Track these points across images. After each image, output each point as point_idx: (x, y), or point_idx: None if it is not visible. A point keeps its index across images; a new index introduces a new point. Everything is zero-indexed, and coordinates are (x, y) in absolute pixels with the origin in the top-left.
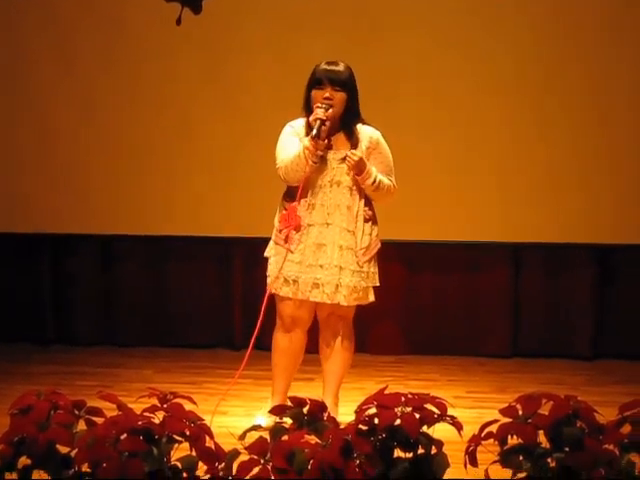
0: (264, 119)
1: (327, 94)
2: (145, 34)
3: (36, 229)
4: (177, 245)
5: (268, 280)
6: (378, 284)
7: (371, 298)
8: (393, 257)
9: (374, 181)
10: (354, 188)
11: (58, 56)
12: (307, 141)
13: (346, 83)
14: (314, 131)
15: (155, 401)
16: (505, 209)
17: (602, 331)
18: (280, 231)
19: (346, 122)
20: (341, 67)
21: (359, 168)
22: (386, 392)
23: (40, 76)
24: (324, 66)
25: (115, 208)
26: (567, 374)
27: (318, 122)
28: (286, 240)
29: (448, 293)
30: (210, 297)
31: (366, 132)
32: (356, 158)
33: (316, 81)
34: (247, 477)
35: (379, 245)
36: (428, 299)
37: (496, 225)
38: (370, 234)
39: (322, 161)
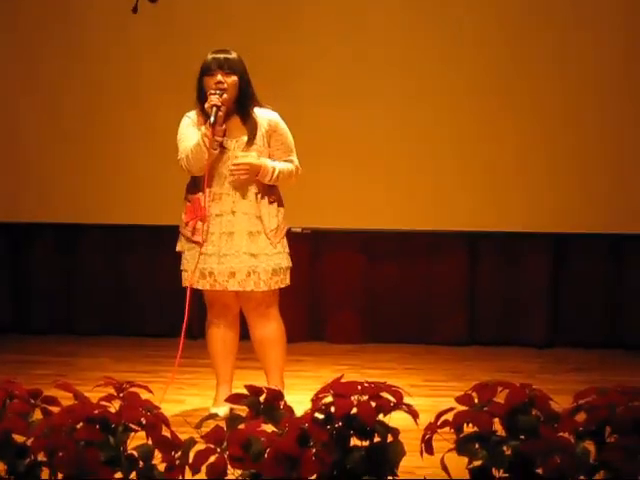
0: None
1: (218, 78)
2: (107, 30)
3: None
4: (134, 234)
5: (184, 275)
6: (291, 264)
7: (288, 280)
8: (350, 246)
9: (272, 176)
10: (259, 180)
11: (21, 56)
12: (204, 128)
13: (236, 67)
14: (211, 118)
15: (111, 390)
16: (461, 197)
17: (557, 319)
18: (187, 224)
19: (241, 106)
20: (229, 53)
21: (254, 171)
22: (342, 381)
23: (3, 75)
24: (212, 54)
25: (74, 197)
26: (522, 362)
27: (214, 109)
28: (193, 232)
29: (405, 281)
30: (167, 286)
31: (264, 115)
32: (246, 166)
33: (206, 69)
34: (203, 466)
35: (287, 226)
36: (385, 288)
37: (452, 213)
38: (277, 216)
39: (222, 149)
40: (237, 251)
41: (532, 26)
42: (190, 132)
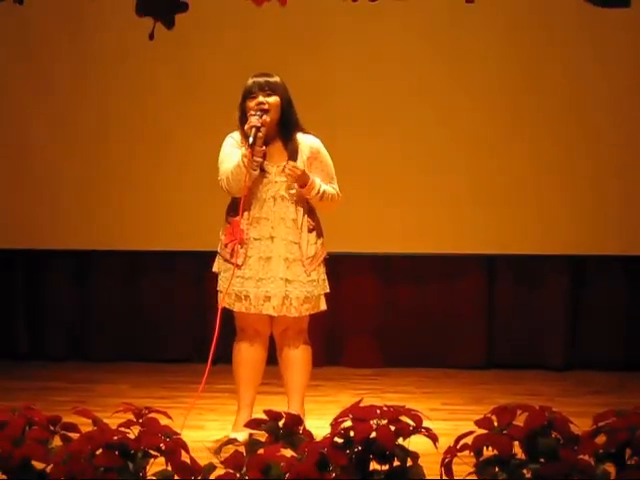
0: None
1: (259, 99)
2: (120, 50)
3: (9, 244)
4: (151, 259)
5: (219, 295)
6: (328, 290)
7: (323, 306)
8: (368, 270)
9: (318, 192)
10: (297, 200)
11: (33, 73)
12: (244, 149)
13: (277, 89)
14: (250, 139)
15: (130, 416)
16: (478, 221)
17: (575, 342)
18: (226, 245)
19: (283, 130)
20: (270, 75)
21: (302, 180)
22: (361, 405)
23: (15, 93)
24: (253, 77)
25: (89, 223)
26: (541, 385)
27: (253, 130)
28: (232, 255)
29: (423, 305)
30: (184, 311)
31: (306, 142)
32: (298, 172)
33: (247, 92)
34: None
35: (325, 253)
36: (403, 312)
37: (469, 237)
38: (315, 243)
39: (263, 173)
40: (273, 276)
41: (542, 44)
42: (232, 153)
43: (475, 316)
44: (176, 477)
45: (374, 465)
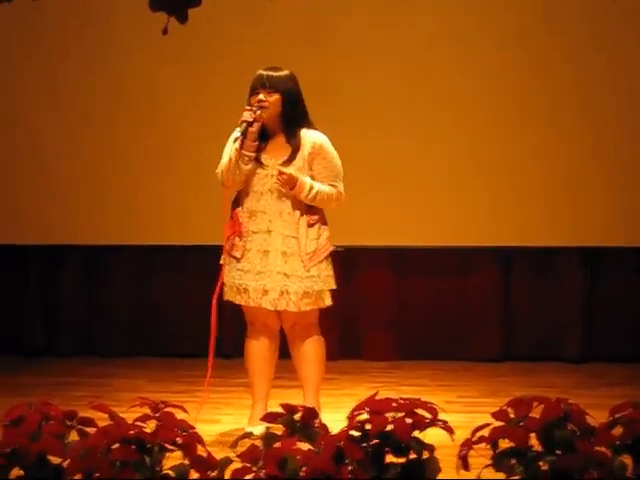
0: None
1: (260, 97)
2: (132, 47)
3: (24, 240)
4: (166, 254)
5: (225, 288)
6: (334, 287)
7: (327, 302)
8: (383, 263)
9: (309, 193)
10: (295, 195)
11: (45, 72)
12: (237, 143)
13: (279, 85)
14: (237, 132)
15: (146, 410)
16: (494, 213)
17: (592, 334)
18: (227, 238)
19: (286, 125)
20: (276, 71)
21: (291, 183)
22: (377, 398)
23: (28, 93)
24: (259, 72)
25: (103, 219)
26: (558, 377)
27: (244, 124)
28: (232, 247)
29: (439, 298)
30: (200, 306)
31: (310, 137)
32: (285, 176)
33: (251, 88)
34: None
35: (330, 249)
36: (419, 304)
37: (486, 229)
38: (317, 239)
39: (261, 167)
40: (271, 270)
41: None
42: (230, 147)
43: (491, 309)
44: (192, 471)
45: (390, 458)
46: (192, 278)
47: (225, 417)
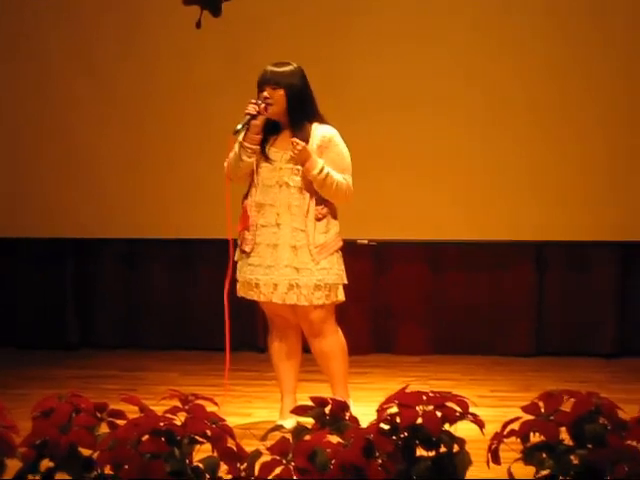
0: None
1: (265, 94)
2: (163, 38)
3: (58, 234)
4: (201, 248)
5: (237, 284)
6: (346, 281)
7: (340, 297)
8: (415, 257)
9: (320, 172)
10: (303, 188)
11: (77, 62)
12: (241, 136)
13: (283, 80)
14: (238, 126)
15: (177, 402)
16: (528, 208)
17: (626, 328)
18: (239, 232)
19: (292, 120)
20: (280, 67)
21: (303, 156)
22: (407, 391)
23: (60, 83)
24: (264, 68)
25: (138, 211)
26: (591, 372)
27: (247, 117)
28: (242, 242)
29: (471, 293)
30: (234, 300)
31: (320, 131)
32: (299, 147)
33: (257, 85)
34: (269, 477)
35: (340, 244)
36: (451, 299)
37: (519, 224)
38: (325, 232)
39: (269, 161)
40: (280, 264)
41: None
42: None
43: (524, 303)
44: (222, 463)
45: (420, 451)
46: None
47: (257, 411)
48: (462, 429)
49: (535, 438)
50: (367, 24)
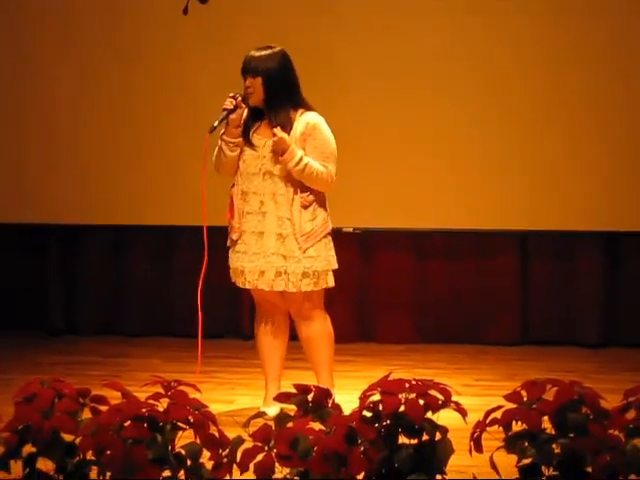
0: None
1: (246, 83)
2: (149, 24)
3: (42, 220)
4: (183, 235)
5: (230, 271)
6: (336, 267)
7: (330, 282)
8: (400, 245)
9: (297, 164)
10: (287, 176)
11: (59, 49)
12: (222, 130)
13: (259, 67)
14: (215, 122)
15: (159, 389)
16: (514, 196)
17: (611, 318)
18: (228, 220)
19: (269, 107)
20: (260, 51)
21: (281, 146)
22: (390, 378)
23: (42, 70)
24: (246, 54)
25: (121, 198)
26: (576, 362)
27: (223, 113)
28: (230, 230)
29: (456, 281)
30: (217, 287)
31: (304, 118)
32: (278, 135)
33: (241, 73)
34: (251, 464)
35: (328, 229)
36: (436, 288)
37: (503, 213)
38: (312, 220)
39: (253, 149)
40: (266, 251)
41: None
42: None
43: (509, 292)
44: (204, 450)
45: (403, 439)
46: (212, 259)
47: (241, 398)
48: (445, 417)
49: (517, 427)
50: (362, 6)
